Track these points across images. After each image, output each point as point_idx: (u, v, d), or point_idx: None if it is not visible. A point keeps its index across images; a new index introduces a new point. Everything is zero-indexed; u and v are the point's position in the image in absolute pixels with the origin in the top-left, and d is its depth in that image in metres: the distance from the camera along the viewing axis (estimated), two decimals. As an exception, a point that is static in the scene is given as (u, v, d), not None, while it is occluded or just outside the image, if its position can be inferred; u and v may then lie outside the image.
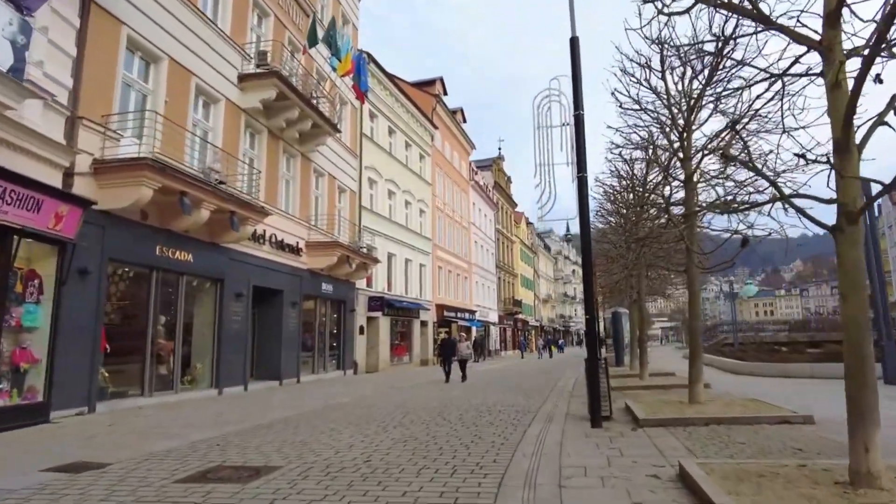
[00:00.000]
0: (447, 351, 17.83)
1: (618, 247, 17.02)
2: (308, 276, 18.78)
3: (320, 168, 20.27)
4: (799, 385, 13.81)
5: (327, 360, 20.50)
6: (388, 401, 12.33)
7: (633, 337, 19.23)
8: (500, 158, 55.68)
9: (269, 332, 17.12)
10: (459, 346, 18.10)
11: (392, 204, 27.32)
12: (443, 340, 18.96)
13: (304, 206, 18.87)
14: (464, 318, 36.78)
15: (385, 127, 26.88)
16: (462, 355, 17.79)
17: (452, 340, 18.76)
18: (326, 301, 20.55)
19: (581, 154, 8.22)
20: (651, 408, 8.72)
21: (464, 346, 18.26)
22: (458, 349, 17.86)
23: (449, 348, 17.94)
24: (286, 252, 17.37)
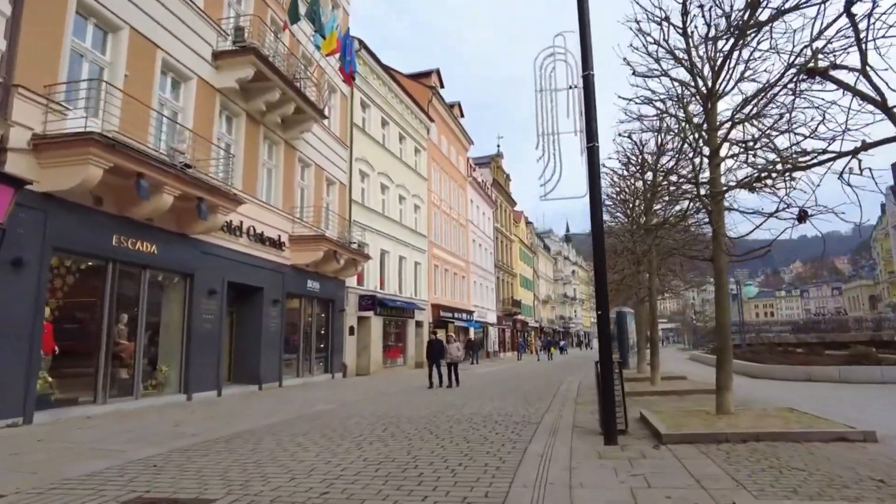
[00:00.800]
0: (435, 352, 15.95)
1: (623, 239, 15.77)
2: (292, 272, 17.50)
3: (306, 157, 19.00)
4: (829, 390, 12.56)
5: (314, 363, 19.21)
6: (372, 408, 11.05)
7: (640, 338, 17.96)
8: (498, 156, 54.44)
9: (248, 332, 15.84)
10: (449, 347, 16.18)
11: (385, 199, 26.05)
12: (430, 341, 16.88)
13: (287, 197, 17.60)
14: (461, 318, 35.50)
15: (378, 118, 25.63)
16: (452, 357, 15.96)
17: (440, 341, 16.81)
18: (313, 300, 19.26)
19: (591, 121, 6.96)
20: (673, 419, 7.45)
21: (454, 348, 16.26)
22: (448, 350, 16.06)
23: (436, 349, 16.03)
24: (267, 246, 16.09)
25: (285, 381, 17.02)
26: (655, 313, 13.25)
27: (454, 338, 17.48)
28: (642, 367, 17.20)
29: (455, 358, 16.02)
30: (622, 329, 23.10)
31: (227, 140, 15.09)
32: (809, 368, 14.31)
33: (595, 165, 6.93)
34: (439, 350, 16.01)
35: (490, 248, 47.10)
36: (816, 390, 12.53)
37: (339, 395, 14.29)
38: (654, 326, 13.45)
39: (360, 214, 22.92)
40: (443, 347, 16.13)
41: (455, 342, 16.87)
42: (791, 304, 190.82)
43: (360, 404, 11.97)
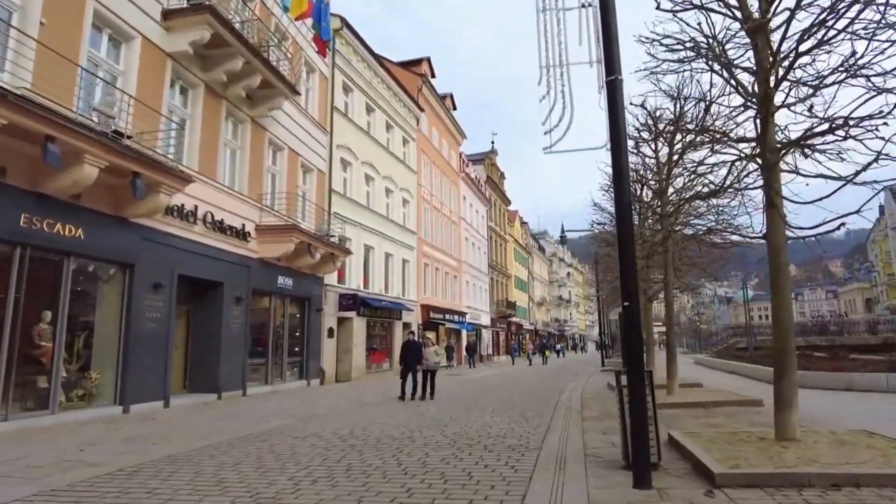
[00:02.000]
0: (410, 357, 13.47)
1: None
2: (259, 266, 15.59)
3: (278, 140, 17.10)
4: (886, 402, 10.78)
5: (286, 368, 17.27)
6: (337, 424, 9.17)
7: (648, 340, 16.14)
8: (493, 153, 52.70)
9: (206, 333, 13.91)
10: (426, 351, 13.56)
11: (370, 191, 24.16)
12: (406, 342, 14.24)
13: (254, 182, 15.69)
14: (453, 320, 33.63)
15: (362, 103, 23.77)
16: (428, 364, 13.46)
17: (417, 343, 14.07)
18: (285, 298, 17.34)
19: (612, 45, 5.15)
20: (719, 448, 5.61)
21: (431, 352, 13.64)
22: (424, 355, 13.48)
23: (412, 354, 13.52)
24: (228, 236, 14.18)
25: (251, 389, 15.09)
26: (672, 311, 11.41)
27: (431, 341, 14.55)
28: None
29: (431, 365, 13.53)
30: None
31: (181, 114, 13.20)
32: (850, 376, 12.55)
33: (618, 105, 5.12)
34: (416, 353, 13.53)
35: (484, 248, 45.29)
36: (870, 403, 10.76)
37: (307, 406, 12.39)
38: (670, 327, 11.61)
39: (341, 206, 21.03)
40: (419, 351, 13.60)
41: (432, 346, 14.23)
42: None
43: (325, 418, 10.08)
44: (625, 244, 5.11)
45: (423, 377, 13.47)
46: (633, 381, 4.92)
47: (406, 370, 13.46)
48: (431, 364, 13.56)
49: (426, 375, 13.48)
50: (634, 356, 4.97)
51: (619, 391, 5.64)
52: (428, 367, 13.50)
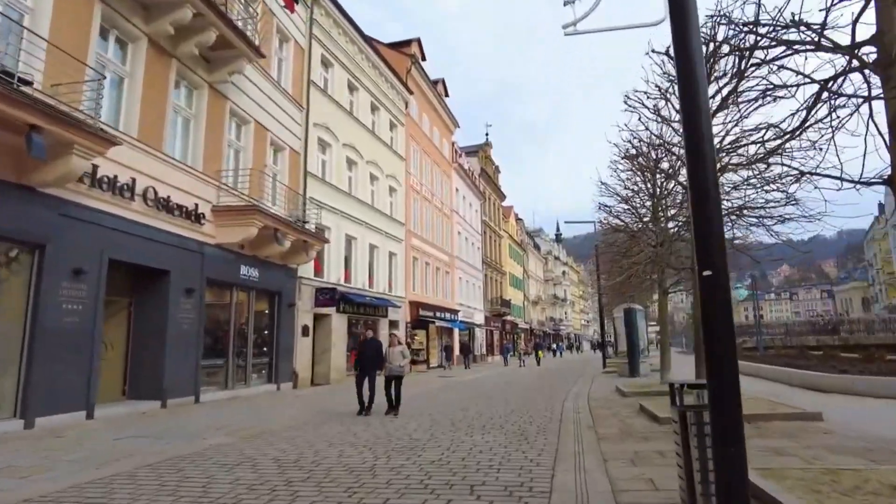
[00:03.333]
0: (368, 359, 10.56)
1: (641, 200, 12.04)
2: (217, 254, 13.54)
3: (242, 111, 15.05)
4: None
5: (251, 371, 15.22)
6: (287, 445, 7.18)
7: (664, 339, 14.20)
8: (487, 145, 50.73)
9: (149, 330, 11.84)
10: (390, 351, 10.78)
11: (353, 176, 22.12)
12: (361, 343, 11.16)
13: (212, 157, 13.64)
14: (444, 318, 31.63)
15: (343, 79, 21.72)
16: (392, 369, 10.58)
17: (376, 343, 11.07)
18: (250, 291, 15.29)
19: None
20: (825, 498, 3.63)
21: (396, 353, 10.69)
22: (388, 357, 10.74)
23: (371, 355, 10.60)
24: (177, 217, 12.13)
25: (206, 395, 13.05)
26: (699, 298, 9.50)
27: (397, 339, 11.18)
28: (666, 376, 13.47)
29: (395, 369, 10.58)
30: (632, 330, 19.41)
31: (118, 71, 11.13)
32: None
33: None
34: (375, 355, 10.69)
35: (477, 243, 43.30)
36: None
37: (263, 417, 10.36)
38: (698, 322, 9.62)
39: (318, 190, 18.98)
40: (381, 352, 10.85)
41: (398, 345, 10.95)
42: (780, 306, 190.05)
43: (276, 436, 8.07)
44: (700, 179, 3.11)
45: (387, 385, 10.47)
46: (724, 405, 2.91)
47: (363, 376, 10.49)
48: (396, 368, 10.59)
49: (389, 383, 10.50)
50: (723, 359, 2.92)
51: (681, 421, 3.67)
52: (391, 371, 10.55)
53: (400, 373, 10.70)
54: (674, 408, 3.83)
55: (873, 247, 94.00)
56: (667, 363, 13.54)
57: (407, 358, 10.98)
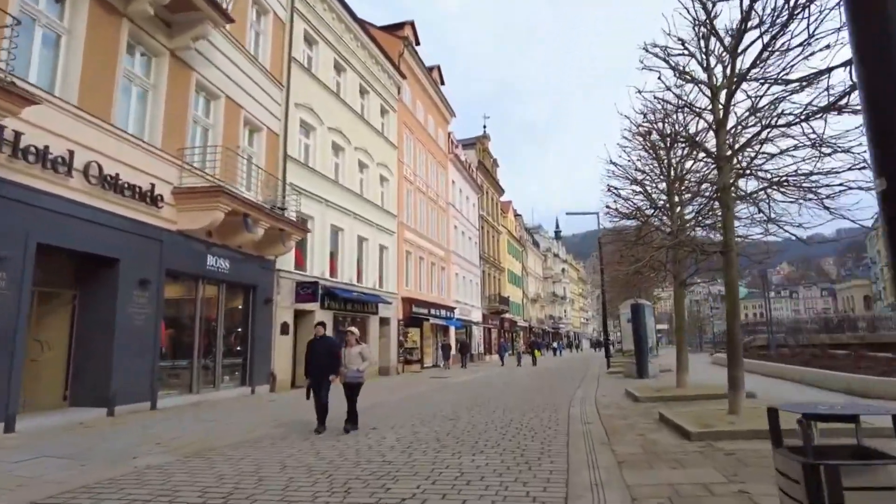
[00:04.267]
0: (318, 363, 8.35)
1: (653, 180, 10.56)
2: (178, 241, 12.05)
3: (211, 85, 13.55)
4: None
5: (221, 373, 13.73)
6: (225, 470, 5.73)
7: (679, 336, 12.72)
8: (485, 137, 49.22)
9: (94, 327, 10.34)
10: (347, 353, 8.46)
11: (340, 162, 20.62)
12: (310, 343, 8.78)
13: (173, 133, 12.13)
14: (439, 315, 30.16)
15: (329, 59, 20.21)
16: (349, 373, 8.38)
17: (330, 342, 8.75)
18: (220, 284, 13.80)
19: None
20: None
21: (355, 355, 8.43)
22: (344, 360, 8.42)
23: (322, 358, 8.37)
24: (128, 198, 10.64)
25: (166, 401, 11.58)
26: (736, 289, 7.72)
27: (355, 337, 8.64)
28: (683, 379, 12.01)
29: (352, 375, 8.39)
30: (640, 328, 17.95)
31: (53, 26, 9.62)
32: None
33: None
34: (328, 358, 8.37)
35: (475, 238, 41.81)
36: None
37: (224, 427, 8.92)
38: (735, 316, 7.89)
39: (300, 177, 17.48)
40: (335, 353, 8.47)
41: (356, 344, 8.55)
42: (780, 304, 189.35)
43: (222, 454, 6.61)
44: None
45: (346, 394, 8.43)
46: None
47: (316, 385, 8.37)
48: (353, 374, 8.36)
49: (349, 391, 8.42)
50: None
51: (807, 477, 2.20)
52: (348, 378, 8.35)
53: (357, 379, 8.45)
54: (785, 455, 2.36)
55: (877, 243, 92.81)
56: (684, 364, 12.07)
57: (367, 361, 8.65)
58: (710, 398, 10.51)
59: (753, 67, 7.38)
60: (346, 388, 8.48)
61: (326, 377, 8.39)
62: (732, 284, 7.74)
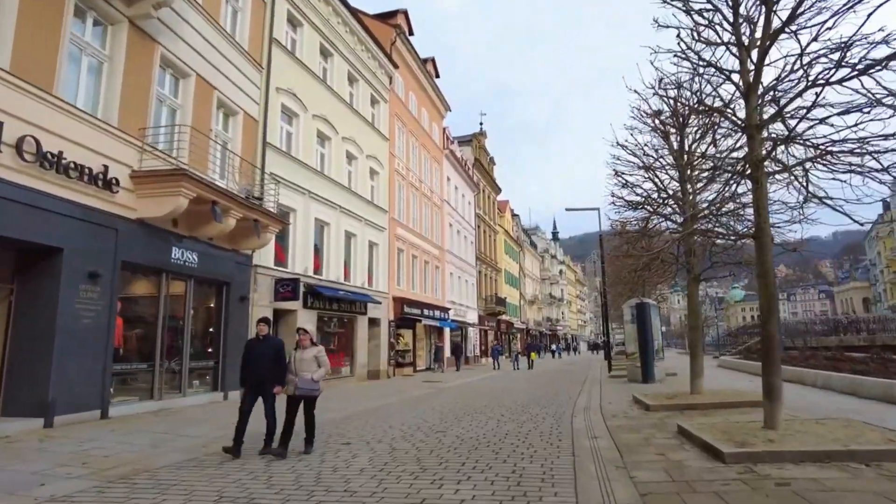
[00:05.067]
0: (260, 369, 6.77)
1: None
2: (137, 231, 10.82)
3: (179, 61, 12.33)
4: None
5: (188, 378, 12.47)
6: (157, 497, 4.50)
7: (695, 337, 11.51)
8: (481, 134, 48.05)
9: (32, 326, 9.10)
10: (297, 356, 6.87)
11: (325, 153, 19.42)
12: (251, 342, 7.08)
13: (133, 111, 10.90)
14: (433, 316, 28.92)
15: (315, 42, 19.02)
16: (301, 384, 6.73)
17: (273, 344, 7.06)
18: (188, 279, 12.55)
19: None
20: None
21: (307, 361, 6.81)
22: (293, 366, 6.84)
23: (263, 362, 6.79)
24: (75, 180, 9.41)
25: (122, 408, 10.35)
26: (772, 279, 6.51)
27: (309, 337, 7.00)
28: (697, 384, 10.83)
29: (305, 386, 6.72)
30: (644, 328, 16.78)
31: (-16, -17, 8.40)
32: None
33: None
34: (272, 363, 6.81)
35: (471, 237, 40.62)
36: None
37: (172, 440, 7.69)
38: (771, 312, 6.72)
39: (281, 166, 16.27)
40: (280, 357, 6.90)
41: (312, 347, 6.94)
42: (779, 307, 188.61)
43: (152, 479, 5.41)
44: None
45: (290, 408, 6.82)
46: None
47: (252, 397, 6.76)
48: (306, 384, 6.70)
49: (295, 406, 6.83)
50: None
51: None
52: (299, 390, 6.71)
53: (311, 391, 6.77)
54: None
55: (876, 245, 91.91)
56: (698, 368, 10.88)
57: (324, 367, 6.91)
58: (731, 407, 9.34)
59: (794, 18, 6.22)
60: (296, 401, 6.81)
61: (269, 387, 6.76)
62: (767, 275, 6.56)
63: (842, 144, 5.75)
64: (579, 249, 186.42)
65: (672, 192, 11.31)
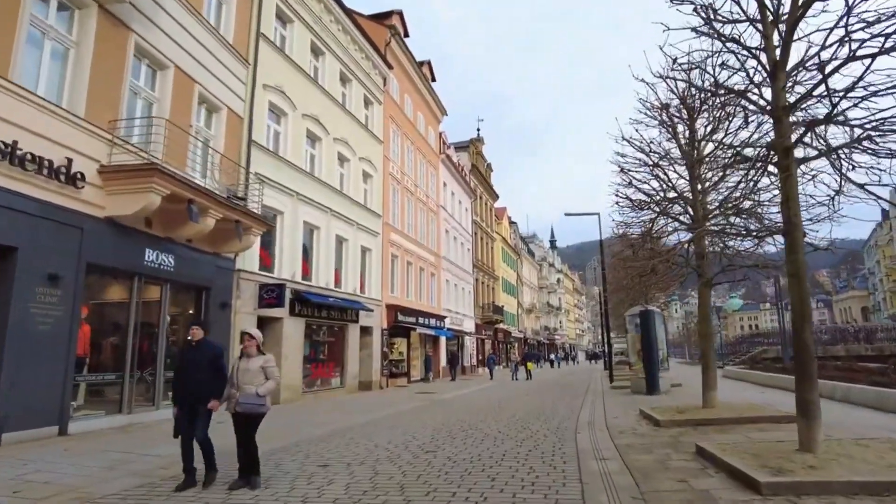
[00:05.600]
0: (194, 380, 5.55)
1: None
2: (107, 230, 10.02)
3: (157, 52, 11.59)
4: None
5: (163, 390, 11.59)
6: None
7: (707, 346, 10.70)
8: (478, 140, 47.43)
9: (-18, 333, 8.25)
10: (242, 365, 5.61)
11: (315, 153, 18.67)
12: (183, 350, 6.92)
13: (102, 102, 10.14)
14: (428, 324, 28.05)
15: (306, 40, 18.33)
16: (245, 399, 5.47)
17: (215, 351, 5.83)
18: (164, 283, 11.72)
19: None
20: None
21: (254, 370, 5.56)
22: (234, 377, 5.59)
23: (201, 373, 5.56)
24: (32, 173, 8.62)
25: (84, 424, 9.50)
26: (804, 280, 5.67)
27: (255, 342, 5.68)
28: (710, 397, 10.01)
29: (249, 402, 5.50)
30: (649, 337, 15.98)
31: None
32: None
33: None
34: (207, 374, 5.60)
35: (468, 244, 39.84)
36: None
37: (126, 467, 6.82)
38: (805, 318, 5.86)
39: (267, 165, 15.50)
40: (218, 367, 5.73)
41: (259, 355, 5.72)
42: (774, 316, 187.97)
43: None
44: None
45: (237, 429, 5.64)
46: None
47: (184, 416, 5.61)
48: (249, 399, 5.49)
49: (243, 424, 5.60)
50: None
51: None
52: (241, 406, 5.52)
53: (257, 408, 5.52)
54: None
55: (875, 254, 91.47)
56: (711, 379, 10.07)
57: (273, 380, 5.64)
58: (749, 423, 8.53)
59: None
60: (240, 419, 5.56)
61: (203, 402, 5.51)
62: (800, 274, 5.79)
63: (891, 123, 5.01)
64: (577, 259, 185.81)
65: (680, 192, 10.57)
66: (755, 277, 11.69)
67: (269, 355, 5.86)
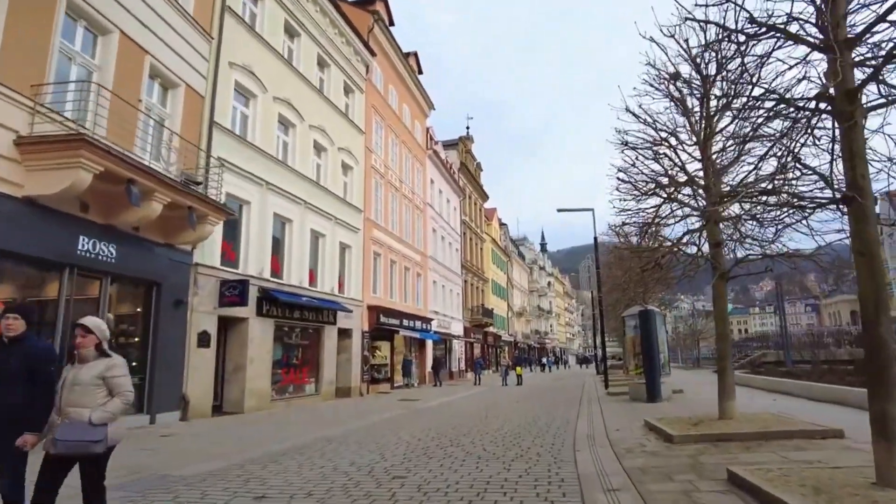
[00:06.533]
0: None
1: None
2: (28, 213, 8.58)
3: (97, 12, 10.16)
4: None
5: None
6: None
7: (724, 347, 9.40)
8: (468, 138, 46.18)
9: None
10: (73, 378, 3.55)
11: (289, 140, 17.26)
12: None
13: (23, 64, 8.70)
14: (413, 327, 26.63)
15: (279, 19, 16.94)
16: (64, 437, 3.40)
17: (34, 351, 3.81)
18: (102, 277, 10.25)
19: None
20: None
21: (86, 382, 3.51)
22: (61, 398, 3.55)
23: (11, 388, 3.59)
24: (-76, 140, 7.15)
25: None
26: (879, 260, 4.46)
27: (95, 340, 3.56)
28: (728, 407, 8.72)
29: (72, 439, 3.39)
30: (649, 339, 14.71)
31: None
32: None
33: None
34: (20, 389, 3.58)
35: (456, 244, 38.50)
36: None
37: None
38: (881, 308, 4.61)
39: (231, 150, 14.08)
40: (39, 376, 3.66)
41: (100, 358, 3.59)
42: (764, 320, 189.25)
43: None
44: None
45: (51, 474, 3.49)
46: None
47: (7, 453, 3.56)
48: (74, 431, 3.41)
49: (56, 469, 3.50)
50: None
51: None
52: (60, 443, 3.40)
53: (85, 446, 3.44)
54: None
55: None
56: (728, 387, 8.78)
57: (120, 398, 3.57)
58: (778, 438, 7.24)
59: None
60: (60, 463, 3.51)
61: (11, 435, 3.52)
62: (872, 251, 4.51)
63: None
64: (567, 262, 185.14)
65: (691, 174, 9.32)
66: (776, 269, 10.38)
67: (116, 358, 3.73)
